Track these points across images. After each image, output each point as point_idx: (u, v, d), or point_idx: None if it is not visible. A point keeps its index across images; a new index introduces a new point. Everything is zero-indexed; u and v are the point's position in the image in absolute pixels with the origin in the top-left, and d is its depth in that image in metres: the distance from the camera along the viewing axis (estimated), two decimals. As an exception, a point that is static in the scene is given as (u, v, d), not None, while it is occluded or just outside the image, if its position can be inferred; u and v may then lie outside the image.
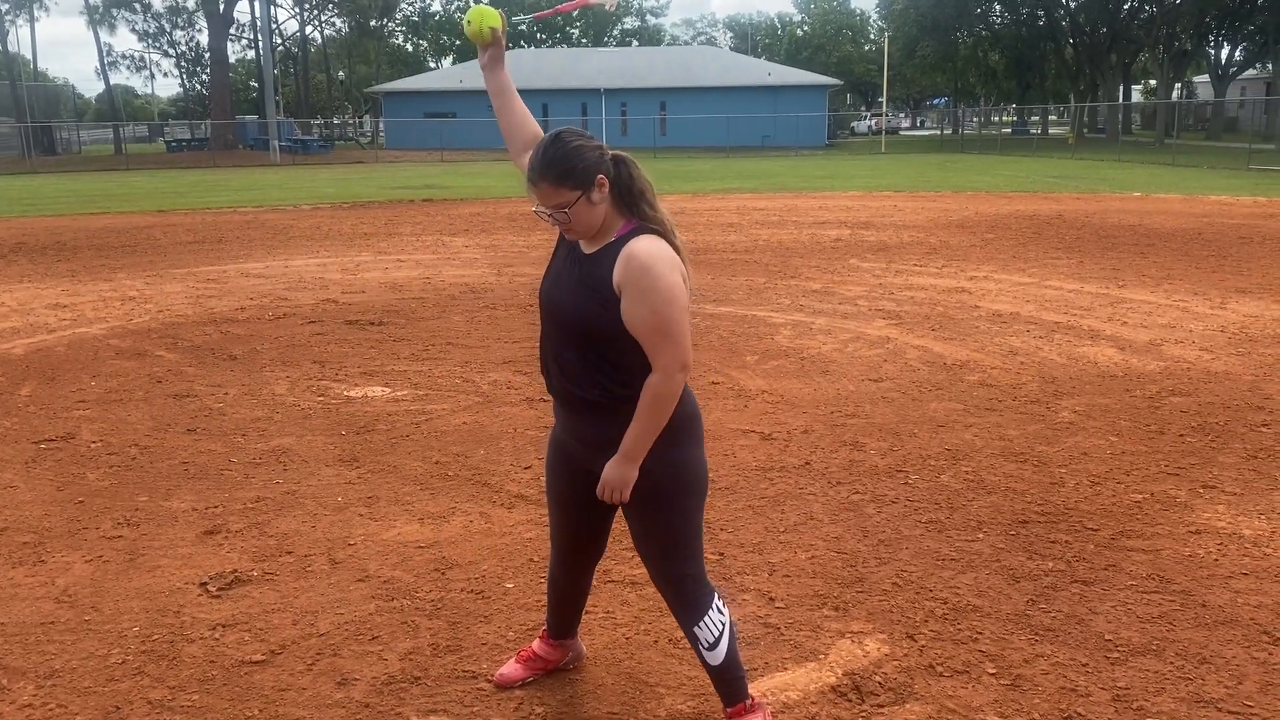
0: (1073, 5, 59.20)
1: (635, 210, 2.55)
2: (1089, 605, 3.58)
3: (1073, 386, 6.45)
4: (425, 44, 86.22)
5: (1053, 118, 75.25)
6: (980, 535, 4.21)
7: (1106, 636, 3.37)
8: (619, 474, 2.55)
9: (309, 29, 74.28)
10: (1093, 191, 22.85)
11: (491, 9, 2.76)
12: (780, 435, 5.54)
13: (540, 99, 55.78)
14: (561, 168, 2.43)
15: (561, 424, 2.75)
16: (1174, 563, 3.93)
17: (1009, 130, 63.64)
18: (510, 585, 3.82)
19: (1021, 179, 27.44)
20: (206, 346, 7.95)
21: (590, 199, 2.46)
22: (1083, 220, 16.40)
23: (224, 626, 3.51)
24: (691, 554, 2.71)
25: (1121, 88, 61.94)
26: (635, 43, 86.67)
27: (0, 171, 37.99)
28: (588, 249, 2.56)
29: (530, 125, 2.86)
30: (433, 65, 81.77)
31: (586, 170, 2.44)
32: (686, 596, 2.72)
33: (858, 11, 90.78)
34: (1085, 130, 59.42)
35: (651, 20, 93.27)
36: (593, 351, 2.52)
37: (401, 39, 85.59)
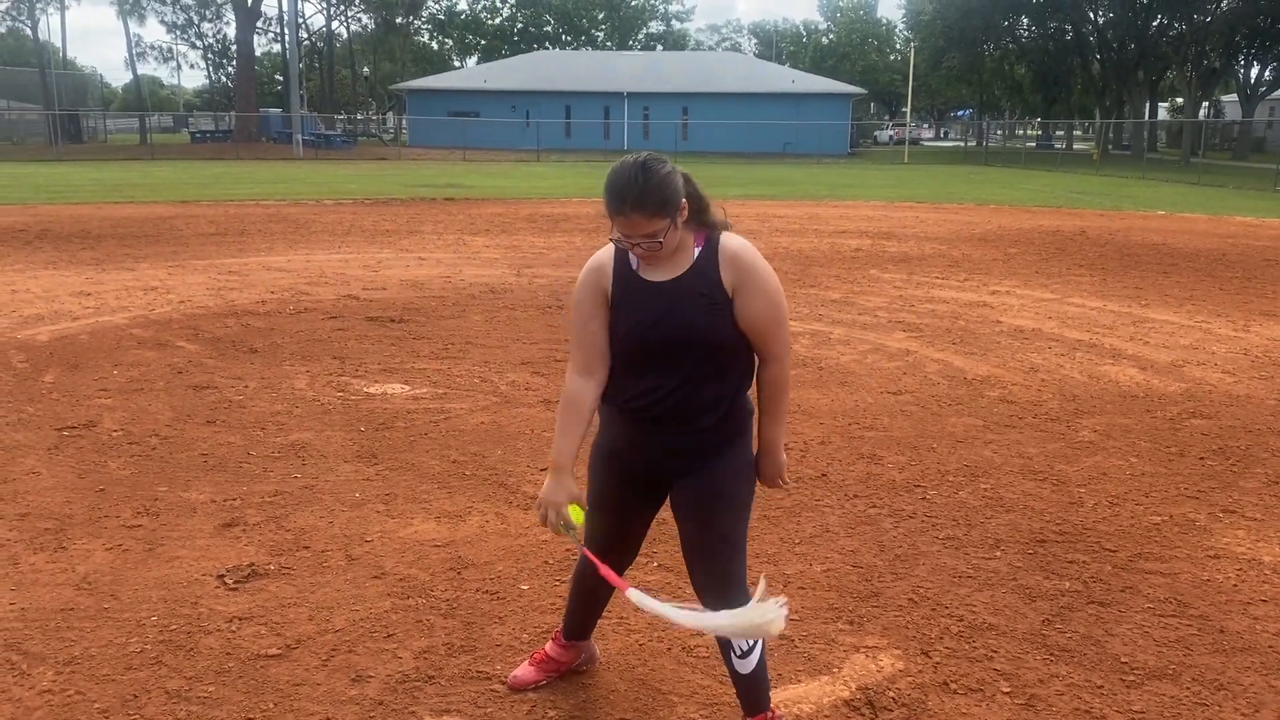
0: (1101, 21, 58.91)
1: (702, 221, 2.63)
2: (1105, 627, 3.57)
3: (1093, 405, 6.42)
4: (450, 43, 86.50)
5: (1078, 133, 74.91)
6: (998, 553, 4.19)
7: (1123, 659, 3.35)
8: (778, 465, 2.78)
9: (335, 24, 74.70)
10: (1117, 209, 22.74)
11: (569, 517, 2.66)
12: (797, 445, 5.53)
13: (563, 101, 55.93)
14: (658, 198, 2.45)
15: (651, 440, 2.67)
16: (1192, 587, 3.90)
17: (1033, 144, 63.31)
18: (525, 587, 3.83)
19: (1045, 194, 27.33)
20: (227, 339, 8.00)
21: (676, 224, 2.51)
22: (1106, 237, 16.32)
23: (241, 619, 3.53)
24: (742, 553, 2.77)
25: (1148, 105, 61.64)
26: (660, 47, 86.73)
27: (27, 158, 38.31)
28: (670, 273, 2.57)
29: (587, 404, 2.67)
30: (457, 64, 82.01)
31: (677, 197, 2.49)
32: (730, 598, 2.72)
33: (884, 21, 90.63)
34: (1110, 146, 59.14)
35: (676, 25, 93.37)
36: (720, 364, 2.59)
37: (427, 37, 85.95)
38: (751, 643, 2.74)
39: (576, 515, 2.70)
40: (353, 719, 2.96)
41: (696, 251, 2.59)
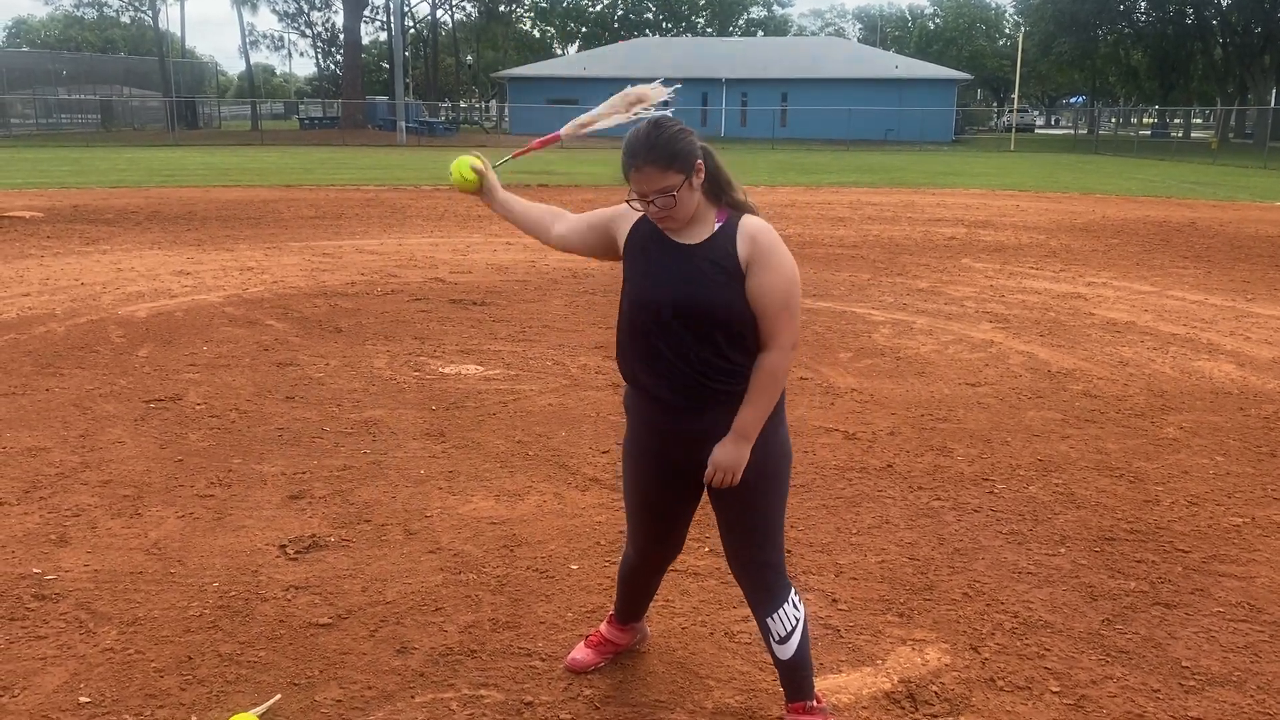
0: (1225, 3, 56.23)
1: (724, 198, 2.61)
2: (1169, 629, 3.43)
3: (1182, 402, 6.16)
4: (552, 30, 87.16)
5: (1197, 121, 71.81)
6: (1062, 550, 4.06)
7: (1184, 663, 3.22)
8: (735, 455, 2.54)
9: (440, 12, 75.93)
10: (1231, 199, 21.75)
11: (466, 156, 2.91)
12: (864, 435, 5.44)
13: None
14: (669, 151, 2.44)
15: (661, 424, 2.65)
16: (1269, 592, 3.72)
17: (1148, 132, 60.83)
18: (575, 567, 3.86)
19: (1156, 183, 26.29)
20: (314, 318, 8.22)
21: (691, 184, 2.49)
22: (1216, 229, 15.63)
23: (297, 588, 3.64)
24: (779, 541, 2.73)
25: (1274, 91, 58.66)
26: (760, 33, 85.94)
27: (145, 143, 39.95)
28: (688, 239, 2.56)
29: (543, 210, 2.93)
30: (559, 51, 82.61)
31: (690, 155, 2.47)
32: (765, 585, 2.72)
33: (993, 5, 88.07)
34: (1231, 135, 56.51)
35: (778, 10, 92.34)
36: (721, 339, 2.51)
37: (529, 24, 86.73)
38: (790, 628, 2.71)
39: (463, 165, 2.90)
40: (393, 689, 3.02)
41: (717, 225, 2.57)
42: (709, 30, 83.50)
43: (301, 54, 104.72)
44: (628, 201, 2.56)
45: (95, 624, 3.37)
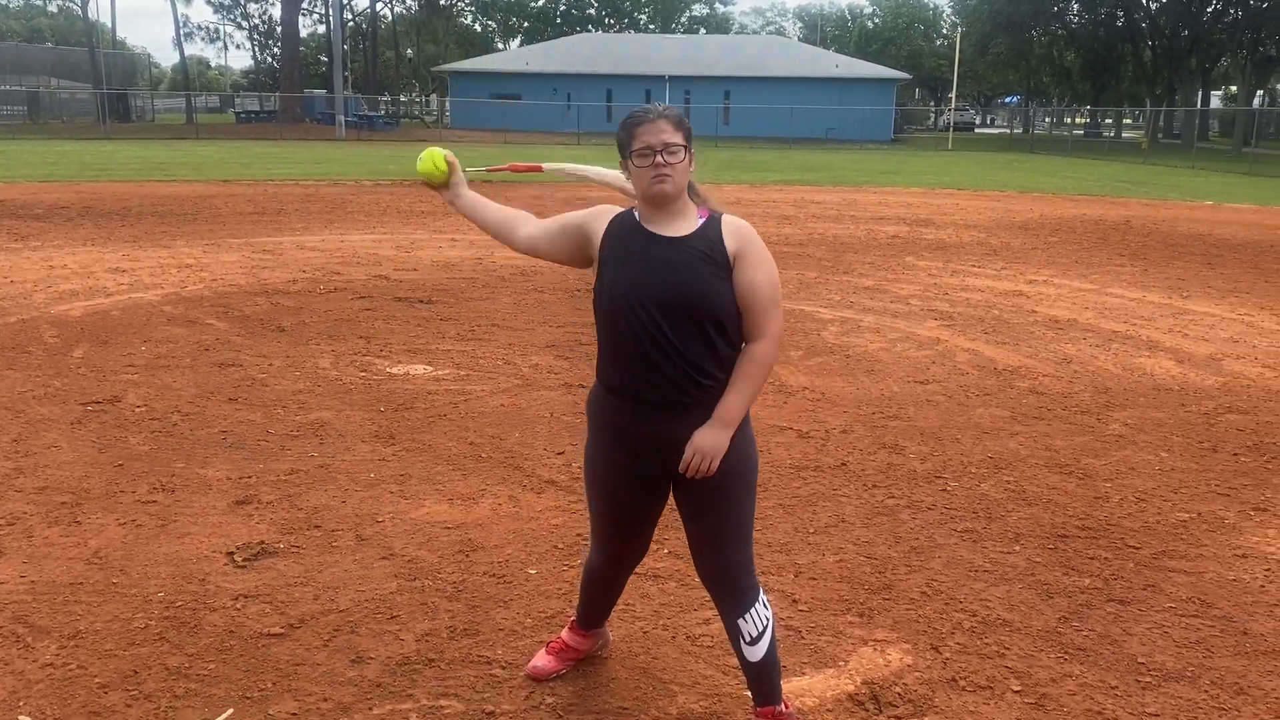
0: (1154, 7, 57.59)
1: (696, 198, 2.67)
2: (1124, 626, 3.47)
3: (1126, 398, 6.27)
4: (494, 25, 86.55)
5: (1127, 121, 73.48)
6: (1016, 547, 4.10)
7: (1139, 659, 3.26)
8: (716, 441, 2.53)
9: (379, 6, 74.91)
10: (1163, 198, 22.28)
11: (437, 150, 2.90)
12: (818, 434, 5.46)
13: (604, 84, 55.74)
14: (679, 116, 2.56)
15: (636, 429, 2.60)
16: (1217, 586, 3.79)
17: (1081, 132, 62.17)
18: (533, 571, 3.80)
19: (1090, 182, 26.84)
20: (256, 317, 8.04)
21: (690, 156, 2.56)
22: (1150, 227, 15.99)
23: (246, 597, 3.53)
24: (749, 540, 2.72)
25: (1200, 93, 60.26)
26: (703, 30, 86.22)
27: (76, 136, 38.86)
28: (674, 231, 2.56)
29: (511, 213, 2.91)
30: (501, 46, 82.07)
31: (691, 132, 2.59)
32: (737, 585, 2.70)
33: (930, 5, 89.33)
34: (1160, 135, 57.92)
35: (720, 8, 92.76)
36: (713, 331, 2.51)
37: (470, 19, 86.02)
38: (760, 629, 2.69)
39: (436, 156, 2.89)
40: (349, 700, 2.94)
41: (701, 220, 2.59)
42: (652, 27, 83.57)
43: (238, 46, 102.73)
44: (625, 162, 2.59)
45: (33, 638, 3.24)
